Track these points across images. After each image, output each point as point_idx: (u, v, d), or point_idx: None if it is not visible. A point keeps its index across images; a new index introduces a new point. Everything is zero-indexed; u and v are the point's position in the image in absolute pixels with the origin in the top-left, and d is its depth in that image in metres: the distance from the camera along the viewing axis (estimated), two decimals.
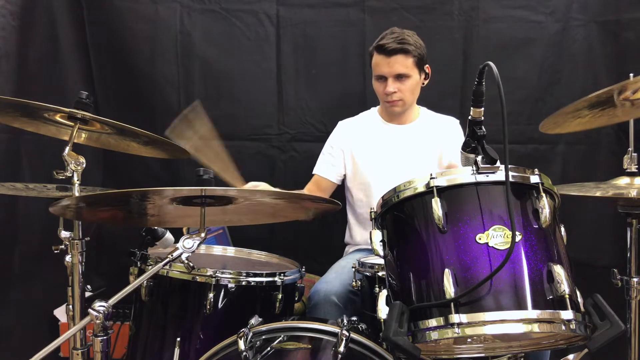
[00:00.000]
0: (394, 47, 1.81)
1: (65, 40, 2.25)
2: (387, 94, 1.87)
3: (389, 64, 1.83)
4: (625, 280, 1.44)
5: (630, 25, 2.14)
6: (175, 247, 1.12)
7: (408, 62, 1.83)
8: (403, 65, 1.83)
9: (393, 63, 1.83)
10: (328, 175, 2.03)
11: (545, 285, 0.98)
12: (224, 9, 2.29)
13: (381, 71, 1.86)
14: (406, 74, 1.84)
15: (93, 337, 1.10)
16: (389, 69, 1.84)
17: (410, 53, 1.82)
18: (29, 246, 2.18)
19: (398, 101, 1.89)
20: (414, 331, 1.00)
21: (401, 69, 1.83)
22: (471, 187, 1.05)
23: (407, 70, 1.84)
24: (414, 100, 1.95)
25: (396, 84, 1.85)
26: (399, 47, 1.81)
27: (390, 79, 1.85)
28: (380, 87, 1.89)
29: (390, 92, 1.86)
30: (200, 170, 1.14)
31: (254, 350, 1.20)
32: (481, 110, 1.09)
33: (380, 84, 1.89)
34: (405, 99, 1.89)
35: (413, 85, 1.88)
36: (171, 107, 2.31)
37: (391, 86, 1.85)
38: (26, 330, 2.17)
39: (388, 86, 1.86)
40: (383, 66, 1.85)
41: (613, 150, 2.16)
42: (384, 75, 1.86)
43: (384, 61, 1.84)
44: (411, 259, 1.08)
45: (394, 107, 1.91)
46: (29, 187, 1.63)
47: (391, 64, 1.83)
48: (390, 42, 1.82)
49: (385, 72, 1.85)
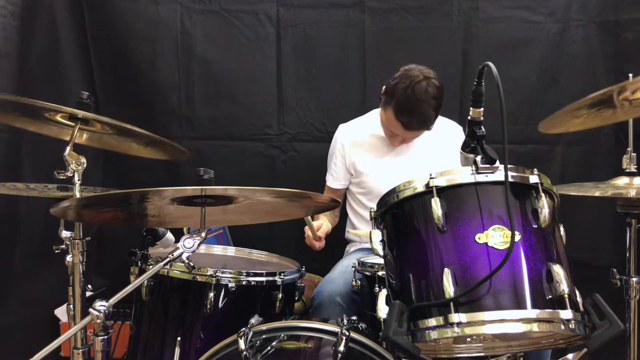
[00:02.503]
0: (414, 127, 1.75)
1: (66, 41, 2.25)
2: (393, 144, 1.88)
3: (404, 133, 1.79)
4: (624, 280, 1.44)
5: (629, 26, 2.14)
6: (176, 246, 1.12)
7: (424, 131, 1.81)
8: (419, 134, 1.83)
9: (409, 133, 1.79)
10: (335, 185, 2.04)
11: (545, 285, 0.98)
12: (225, 10, 2.29)
13: (394, 131, 1.81)
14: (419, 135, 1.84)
15: (94, 336, 1.10)
16: (403, 134, 1.81)
17: (429, 127, 1.78)
18: (30, 246, 2.18)
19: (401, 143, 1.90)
20: (414, 330, 1.00)
21: (416, 135, 1.84)
22: (470, 187, 1.05)
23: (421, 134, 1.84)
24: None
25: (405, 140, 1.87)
26: (420, 126, 1.76)
27: (401, 137, 1.84)
28: (388, 132, 1.87)
29: (396, 146, 1.88)
30: (200, 170, 1.14)
31: (254, 349, 1.20)
32: (480, 111, 1.10)
33: (388, 131, 1.86)
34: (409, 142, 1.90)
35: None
36: (171, 108, 2.31)
37: (399, 142, 1.87)
38: (27, 330, 2.17)
39: (396, 141, 1.86)
40: (397, 130, 1.78)
41: (612, 150, 2.16)
42: (396, 133, 1.82)
43: (399, 129, 1.77)
44: (411, 258, 1.09)
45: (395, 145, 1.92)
46: (29, 187, 1.63)
47: (407, 133, 1.79)
48: (412, 122, 1.72)
49: (399, 134, 1.82)
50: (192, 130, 2.32)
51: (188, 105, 2.32)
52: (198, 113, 2.32)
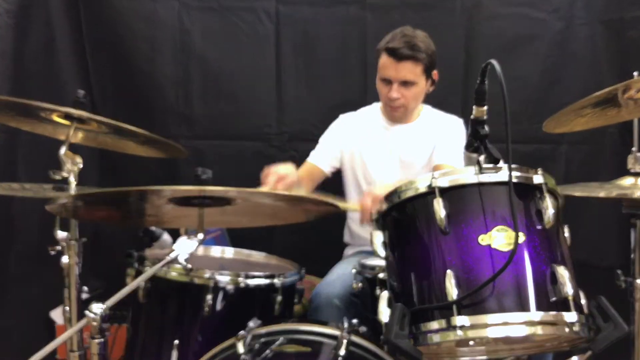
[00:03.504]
0: (405, 54, 1.75)
1: (61, 39, 2.23)
2: (391, 98, 1.83)
3: (396, 69, 1.78)
4: (629, 282, 1.42)
5: (634, 24, 2.12)
6: (173, 248, 1.10)
7: (417, 70, 1.78)
8: (411, 72, 1.78)
9: (401, 69, 1.78)
10: (321, 164, 1.99)
11: (549, 287, 0.97)
12: (223, 7, 2.27)
13: (387, 74, 1.81)
14: (413, 81, 1.80)
15: (90, 339, 1.08)
16: (396, 73, 1.79)
17: (420, 60, 1.77)
18: (25, 247, 2.17)
19: (400, 107, 1.86)
20: (416, 334, 0.99)
21: (409, 75, 1.79)
22: (474, 187, 1.03)
23: (415, 77, 1.80)
24: (417, 105, 1.92)
25: (401, 90, 1.81)
26: (410, 54, 1.75)
27: (395, 84, 1.81)
28: (384, 89, 1.85)
29: (393, 98, 1.83)
30: (198, 170, 1.12)
31: (253, 353, 1.18)
32: (484, 109, 1.08)
33: (384, 86, 1.85)
34: (407, 105, 1.86)
35: (418, 93, 1.85)
36: (170, 106, 2.30)
37: (395, 92, 1.81)
38: (22, 332, 2.16)
39: (392, 91, 1.81)
40: (390, 70, 1.80)
41: (617, 150, 2.14)
42: (389, 78, 1.81)
43: (392, 65, 1.78)
44: (413, 260, 1.07)
45: (395, 112, 1.89)
46: (25, 187, 1.62)
47: (399, 70, 1.78)
48: (402, 47, 1.75)
49: (392, 77, 1.80)
50: (190, 129, 2.31)
51: (186, 103, 2.30)
52: (196, 112, 2.31)
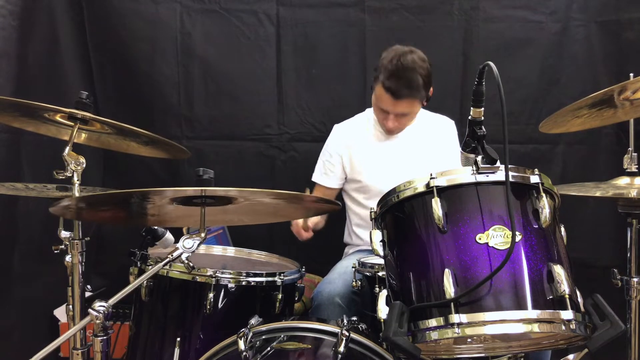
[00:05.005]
0: (403, 94, 1.73)
1: (65, 40, 2.25)
2: (387, 127, 1.84)
3: (394, 106, 1.77)
4: (625, 280, 1.43)
5: (630, 25, 2.14)
6: (175, 247, 1.12)
7: (414, 104, 1.78)
8: (409, 108, 1.79)
9: (398, 105, 1.76)
10: (330, 184, 2.02)
11: (545, 285, 0.98)
12: (224, 9, 2.29)
13: (384, 107, 1.79)
14: (410, 112, 1.81)
15: (93, 337, 1.10)
16: (393, 109, 1.78)
17: (418, 97, 1.76)
18: (29, 246, 2.18)
19: (395, 131, 1.88)
20: (414, 331, 1.00)
21: (406, 110, 1.79)
22: (471, 187, 1.04)
23: (412, 110, 1.80)
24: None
25: (398, 120, 1.82)
26: (408, 93, 1.73)
27: (392, 114, 1.80)
28: (380, 115, 1.85)
29: (390, 128, 1.84)
30: (200, 170, 1.14)
31: (254, 350, 1.20)
32: (481, 110, 1.09)
33: (381, 113, 1.84)
34: (403, 129, 1.88)
35: (413, 117, 1.86)
36: (171, 107, 2.31)
37: (392, 122, 1.82)
38: (26, 330, 2.17)
39: (389, 121, 1.82)
40: (387, 104, 1.77)
41: (613, 150, 2.16)
42: (386, 110, 1.80)
43: (389, 101, 1.75)
44: (411, 259, 1.08)
45: (390, 134, 1.90)
46: (29, 187, 1.62)
47: (396, 106, 1.77)
48: (401, 89, 1.71)
49: (389, 110, 1.79)
50: (192, 130, 2.32)
51: (188, 104, 2.32)
52: (198, 113, 2.32)
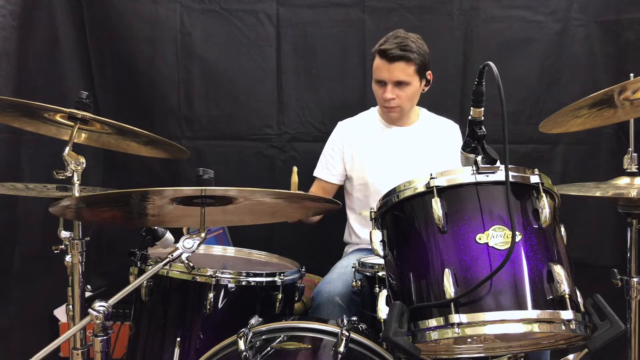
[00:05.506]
0: (396, 54, 1.78)
1: (65, 40, 2.25)
2: (385, 99, 1.85)
3: (389, 70, 1.81)
4: (625, 280, 1.44)
5: (630, 25, 2.14)
6: (175, 247, 1.12)
7: (409, 70, 1.80)
8: (404, 73, 1.80)
9: (394, 69, 1.80)
10: (330, 178, 2.03)
11: (545, 285, 0.98)
12: (224, 9, 2.29)
13: (381, 76, 1.83)
14: (406, 81, 1.82)
15: (93, 337, 1.10)
16: (389, 75, 1.81)
17: (412, 60, 1.79)
18: (29, 246, 2.18)
19: (395, 107, 1.88)
20: (414, 331, 1.00)
21: (402, 76, 1.81)
22: (471, 187, 1.04)
23: (408, 77, 1.82)
24: (413, 106, 1.94)
25: (395, 91, 1.83)
26: (401, 54, 1.78)
27: (389, 84, 1.83)
28: (379, 91, 1.87)
29: (388, 99, 1.84)
30: (200, 170, 1.14)
31: (254, 350, 1.20)
32: (481, 110, 1.09)
33: (380, 88, 1.87)
34: (403, 105, 1.88)
35: (412, 93, 1.86)
36: (171, 107, 2.31)
37: (390, 92, 1.83)
38: (26, 330, 2.17)
39: (387, 92, 1.83)
40: (383, 71, 1.82)
41: (613, 150, 2.16)
42: (383, 80, 1.84)
43: (384, 66, 1.81)
44: (411, 259, 1.08)
45: (391, 112, 1.91)
46: (29, 187, 1.62)
47: (392, 70, 1.80)
48: (393, 48, 1.78)
49: (385, 78, 1.83)
50: (192, 130, 2.32)
51: (188, 104, 2.32)
52: (198, 113, 2.32)
